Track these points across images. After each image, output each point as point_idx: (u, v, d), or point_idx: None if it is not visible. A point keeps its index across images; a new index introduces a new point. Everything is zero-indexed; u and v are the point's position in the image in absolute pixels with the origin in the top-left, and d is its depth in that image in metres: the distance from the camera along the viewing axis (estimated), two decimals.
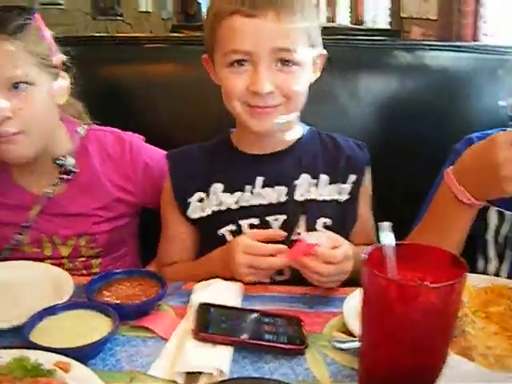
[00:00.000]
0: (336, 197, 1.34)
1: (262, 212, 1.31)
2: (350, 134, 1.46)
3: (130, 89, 1.77)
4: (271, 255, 1.16)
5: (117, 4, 5.24)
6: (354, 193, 1.35)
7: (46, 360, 0.88)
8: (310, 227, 1.28)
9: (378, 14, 6.61)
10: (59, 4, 3.85)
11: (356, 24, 7.18)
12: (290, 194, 1.32)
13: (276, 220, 1.30)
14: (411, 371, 0.80)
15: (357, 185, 1.36)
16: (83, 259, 1.49)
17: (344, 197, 1.34)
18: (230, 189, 1.32)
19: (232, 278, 1.18)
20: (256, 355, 0.97)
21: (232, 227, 1.31)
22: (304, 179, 1.33)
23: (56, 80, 1.38)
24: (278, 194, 1.31)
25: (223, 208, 1.32)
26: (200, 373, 0.91)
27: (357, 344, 0.91)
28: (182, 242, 1.39)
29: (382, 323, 0.80)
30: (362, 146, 1.41)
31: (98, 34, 1.77)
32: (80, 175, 1.45)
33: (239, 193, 1.31)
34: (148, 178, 1.49)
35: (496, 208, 1.27)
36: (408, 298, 0.76)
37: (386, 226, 0.82)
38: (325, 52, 1.32)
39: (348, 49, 1.86)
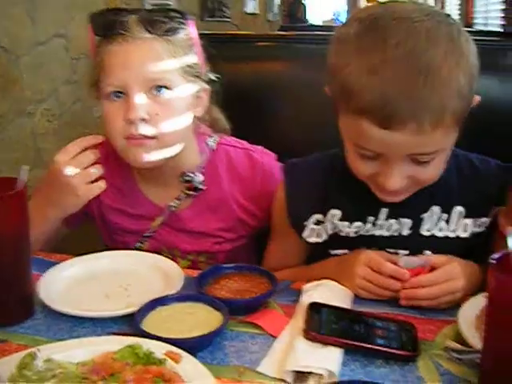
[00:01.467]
0: (471, 231, 1.21)
1: (382, 242, 1.20)
2: None
3: (240, 87, 1.76)
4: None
5: (224, 6, 5.31)
6: (493, 225, 1.20)
7: (157, 349, 0.88)
8: None
9: (489, 17, 6.38)
10: (168, 5, 3.92)
11: (466, 27, 6.95)
12: (415, 227, 1.20)
13: (397, 254, 1.19)
14: None
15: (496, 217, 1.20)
16: (200, 271, 1.47)
17: (481, 229, 1.22)
18: (348, 218, 1.22)
19: None
20: (366, 359, 0.94)
21: (348, 252, 1.23)
22: (434, 212, 1.20)
23: (198, 91, 1.37)
24: (401, 227, 1.21)
25: (341, 234, 1.24)
26: (309, 373, 0.88)
27: (476, 355, 0.87)
28: (291, 250, 1.34)
29: (508, 334, 0.75)
30: (503, 168, 1.24)
31: (208, 32, 1.75)
32: (207, 193, 1.43)
33: (359, 223, 1.22)
34: None
35: None
36: None
37: None
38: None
39: None
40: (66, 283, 1.17)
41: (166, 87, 1.28)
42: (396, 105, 0.97)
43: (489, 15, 6.40)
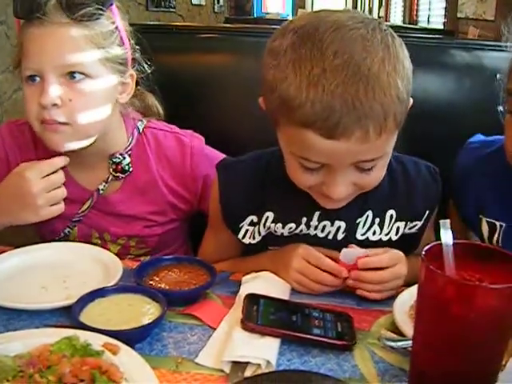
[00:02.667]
0: (403, 234, 1.23)
1: (317, 243, 1.19)
2: None
3: (183, 78, 1.75)
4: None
5: None
6: (424, 226, 1.25)
7: (95, 341, 0.88)
8: None
9: (432, 15, 6.51)
10: None
11: (410, 24, 7.08)
12: (350, 231, 1.21)
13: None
14: (465, 375, 0.78)
15: (428, 219, 1.25)
16: (132, 257, 1.45)
17: (413, 231, 1.25)
18: (282, 219, 1.21)
19: None
20: (303, 349, 0.96)
21: None
22: (367, 217, 1.21)
23: (122, 77, 1.33)
24: (336, 230, 1.21)
25: (275, 234, 1.23)
26: (247, 363, 0.90)
27: (408, 343, 0.90)
28: (228, 242, 1.32)
29: (436, 323, 0.78)
30: (434, 172, 1.27)
31: (151, 23, 1.72)
32: (135, 175, 1.41)
33: (293, 225, 1.21)
34: (208, 189, 1.40)
35: (487, 219, 1.25)
36: (465, 297, 0.74)
37: (446, 223, 0.79)
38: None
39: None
40: (3, 276, 1.15)
41: (82, 74, 1.24)
42: (340, 114, 0.96)
43: (432, 13, 6.54)
